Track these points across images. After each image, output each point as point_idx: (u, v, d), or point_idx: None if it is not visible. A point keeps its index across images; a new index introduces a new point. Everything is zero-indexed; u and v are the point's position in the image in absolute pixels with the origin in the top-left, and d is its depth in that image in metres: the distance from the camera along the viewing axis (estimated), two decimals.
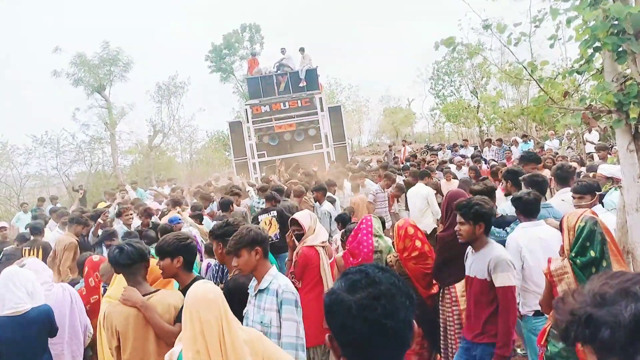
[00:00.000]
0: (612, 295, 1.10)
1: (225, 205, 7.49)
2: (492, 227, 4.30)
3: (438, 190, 9.35)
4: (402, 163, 15.27)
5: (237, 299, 3.22)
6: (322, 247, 4.46)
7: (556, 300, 1.23)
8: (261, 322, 3.10)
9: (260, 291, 3.17)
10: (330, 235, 6.70)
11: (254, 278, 3.27)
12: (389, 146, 23.28)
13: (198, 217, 7.28)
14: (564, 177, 5.11)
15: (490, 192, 4.67)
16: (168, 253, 3.28)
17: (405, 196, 9.28)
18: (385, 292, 1.30)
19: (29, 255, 6.33)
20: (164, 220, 7.34)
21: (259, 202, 8.79)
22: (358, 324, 1.28)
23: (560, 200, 4.78)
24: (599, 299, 1.11)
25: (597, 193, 4.32)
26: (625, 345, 1.04)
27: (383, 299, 1.29)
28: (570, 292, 1.20)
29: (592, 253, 2.90)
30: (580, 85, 4.35)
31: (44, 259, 6.34)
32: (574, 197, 4.29)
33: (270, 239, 4.77)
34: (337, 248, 5.99)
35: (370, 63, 67.33)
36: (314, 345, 4.17)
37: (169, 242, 3.30)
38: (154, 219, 8.11)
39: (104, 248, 6.44)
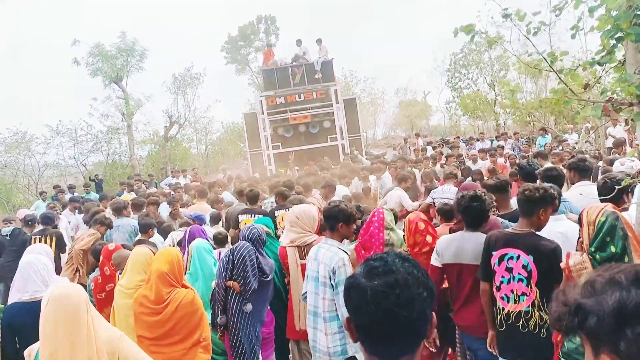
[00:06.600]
0: (602, 285, 1.11)
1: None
2: (507, 221, 4.24)
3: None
4: (417, 156, 15.14)
5: None
6: (294, 247, 4.63)
7: (557, 291, 1.23)
8: None
9: None
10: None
11: None
12: (404, 139, 23.10)
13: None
14: (585, 169, 4.97)
15: (504, 187, 4.57)
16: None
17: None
18: (401, 281, 1.30)
19: (40, 242, 6.41)
20: (190, 211, 7.46)
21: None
22: (372, 309, 1.29)
23: (579, 194, 4.66)
24: (589, 289, 1.13)
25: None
26: (611, 333, 1.05)
27: (398, 288, 1.29)
28: (571, 285, 1.20)
29: (613, 249, 2.84)
30: (601, 77, 4.24)
31: (58, 248, 6.43)
32: None
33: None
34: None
35: (386, 55, 66.93)
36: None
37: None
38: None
39: None
